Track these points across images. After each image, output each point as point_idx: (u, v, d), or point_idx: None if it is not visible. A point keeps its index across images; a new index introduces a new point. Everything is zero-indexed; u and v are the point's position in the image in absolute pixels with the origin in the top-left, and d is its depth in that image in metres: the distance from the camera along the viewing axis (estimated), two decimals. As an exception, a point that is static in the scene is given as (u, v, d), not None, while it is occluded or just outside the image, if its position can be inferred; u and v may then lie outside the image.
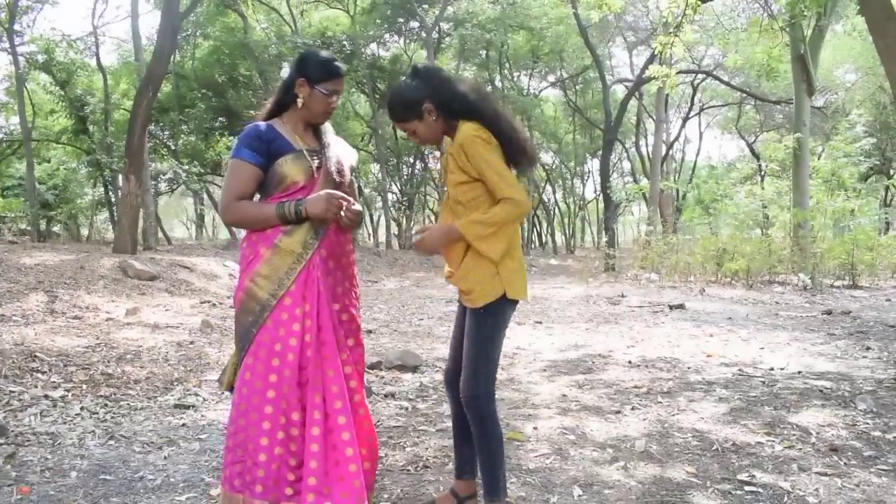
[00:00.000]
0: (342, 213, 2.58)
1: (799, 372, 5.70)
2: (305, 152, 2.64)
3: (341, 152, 2.79)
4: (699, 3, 9.07)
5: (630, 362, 6.22)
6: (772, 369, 5.85)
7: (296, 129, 2.70)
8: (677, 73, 10.59)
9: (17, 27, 20.49)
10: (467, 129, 2.60)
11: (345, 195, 2.59)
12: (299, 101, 2.68)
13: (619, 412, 4.48)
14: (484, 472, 2.70)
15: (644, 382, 5.35)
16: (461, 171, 2.60)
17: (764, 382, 5.33)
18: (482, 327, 2.66)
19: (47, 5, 22.17)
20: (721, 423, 4.20)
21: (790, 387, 5.14)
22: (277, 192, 2.63)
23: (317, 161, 2.66)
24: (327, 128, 2.81)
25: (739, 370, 5.82)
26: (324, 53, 2.70)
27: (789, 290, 13.41)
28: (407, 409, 4.64)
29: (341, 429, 2.51)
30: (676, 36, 8.73)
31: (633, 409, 4.56)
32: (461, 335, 2.78)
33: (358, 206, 2.66)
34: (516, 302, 2.71)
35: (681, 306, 10.33)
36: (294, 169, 2.61)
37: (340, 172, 2.71)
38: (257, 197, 2.70)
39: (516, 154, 2.71)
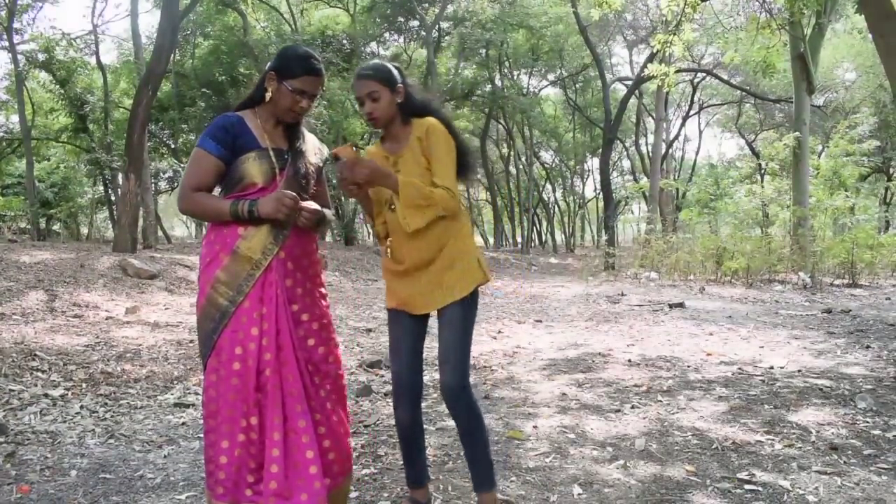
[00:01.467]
0: (300, 214, 2.52)
1: (798, 370, 5.69)
2: (271, 152, 2.57)
3: (310, 156, 2.72)
4: (698, 1, 9.06)
5: (630, 361, 6.22)
6: (771, 368, 5.84)
7: (265, 126, 2.62)
8: (676, 71, 10.56)
9: (16, 25, 20.50)
10: (436, 121, 2.67)
11: (295, 195, 2.49)
12: (267, 95, 2.60)
13: (618, 411, 4.48)
14: (478, 464, 2.70)
15: (644, 381, 5.35)
16: (422, 157, 2.63)
17: (763, 381, 5.33)
18: (469, 315, 2.68)
19: (47, 4, 22.29)
20: (721, 422, 4.20)
21: (790, 385, 5.14)
22: (236, 190, 2.57)
23: (281, 163, 2.59)
24: (303, 130, 2.73)
25: (739, 369, 5.82)
26: (302, 50, 2.61)
27: (789, 289, 13.41)
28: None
29: (301, 431, 2.48)
30: (675, 35, 8.72)
31: (632, 407, 4.56)
32: (416, 340, 2.75)
33: (313, 205, 2.58)
34: None
35: (680, 305, 10.33)
36: (255, 169, 2.54)
37: (306, 177, 2.65)
38: (217, 190, 2.64)
39: (464, 161, 2.73)
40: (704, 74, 28.21)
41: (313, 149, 2.76)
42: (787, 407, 4.52)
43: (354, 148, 2.58)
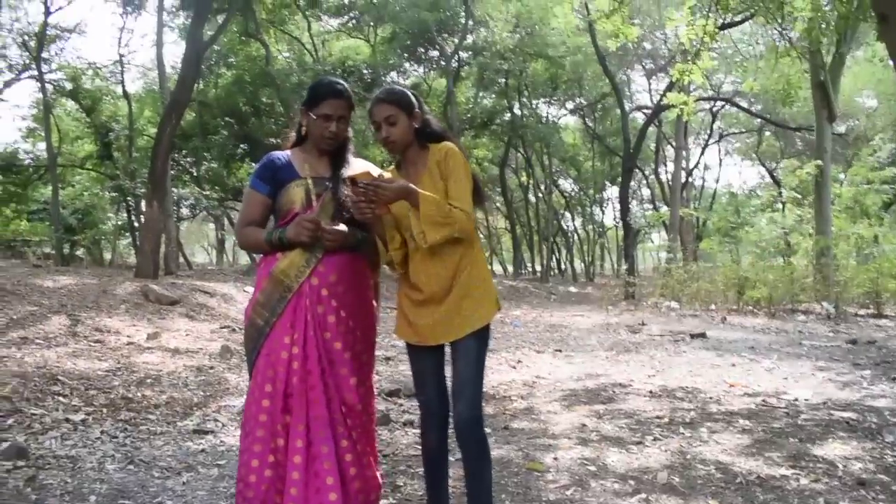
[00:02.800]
0: (326, 234, 2.56)
1: (823, 403, 5.60)
2: (310, 180, 2.65)
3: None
4: (716, 30, 9.08)
5: (651, 392, 6.15)
6: (796, 400, 5.75)
7: (309, 158, 2.72)
8: (696, 100, 10.57)
9: (45, 55, 20.94)
10: (453, 146, 2.69)
11: (314, 218, 2.56)
12: (303, 130, 2.76)
13: (640, 443, 4.42)
14: (483, 497, 2.67)
15: (665, 413, 5.28)
16: (440, 181, 2.63)
17: (787, 413, 5.24)
18: (484, 347, 2.68)
19: (75, 34, 22.64)
20: (744, 456, 4.13)
21: (815, 418, 5.06)
22: (281, 219, 2.69)
23: (319, 189, 2.66)
24: (350, 157, 2.79)
25: (763, 401, 5.73)
26: (326, 79, 2.73)
27: (812, 319, 13.25)
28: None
29: (323, 457, 2.50)
30: (695, 63, 8.74)
31: (654, 439, 4.50)
32: (439, 369, 2.75)
33: (340, 227, 2.61)
34: None
35: (702, 335, 10.22)
36: (293, 196, 2.65)
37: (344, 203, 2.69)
38: (272, 223, 2.75)
39: (477, 188, 2.74)
40: (724, 102, 28.20)
41: (360, 168, 2.79)
42: (813, 440, 4.44)
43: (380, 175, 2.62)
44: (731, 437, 4.55)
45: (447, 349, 2.73)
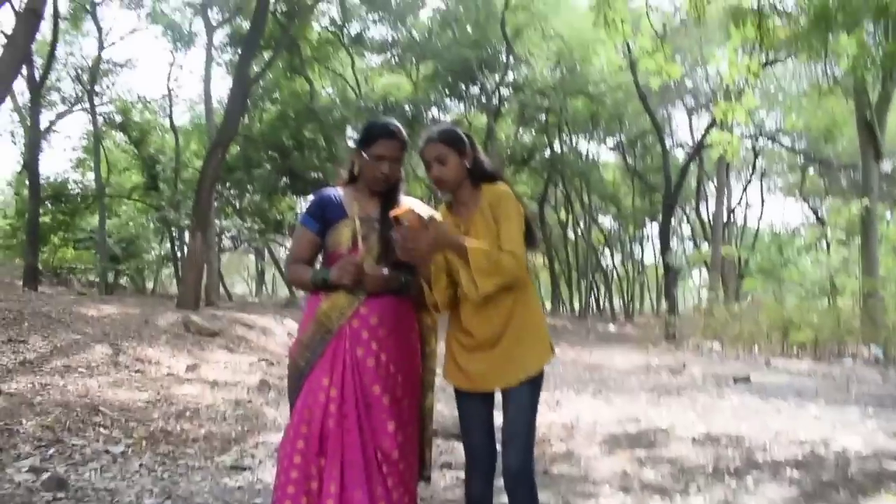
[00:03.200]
0: (367, 277, 2.55)
1: (874, 453, 5.40)
2: (357, 220, 2.63)
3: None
4: (760, 69, 9.00)
5: (694, 438, 5.99)
6: (844, 450, 5.55)
7: (359, 197, 2.71)
8: (744, 138, 10.45)
9: (97, 88, 21.57)
10: (506, 188, 2.64)
11: (356, 261, 2.54)
12: (355, 170, 2.75)
13: (683, 492, 4.29)
14: None
15: (709, 460, 5.14)
16: (493, 223, 2.58)
17: (836, 464, 5.06)
18: (536, 394, 2.61)
19: (126, 68, 23.33)
20: (792, 508, 3.99)
21: (864, 469, 4.87)
22: (328, 258, 2.69)
23: (366, 230, 2.64)
24: (401, 198, 2.76)
25: (810, 450, 5.55)
26: (381, 120, 2.73)
27: (860, 363, 12.89)
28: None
29: (356, 503, 2.44)
30: (738, 102, 8.66)
31: (698, 489, 4.37)
32: (488, 416, 2.68)
33: (382, 271, 2.58)
34: None
35: (746, 379, 9.98)
36: (340, 236, 2.64)
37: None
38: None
39: (530, 229, 2.69)
40: (766, 140, 27.92)
41: (404, 211, 2.76)
42: (864, 492, 4.28)
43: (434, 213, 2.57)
44: (777, 489, 4.40)
45: (497, 394, 2.66)
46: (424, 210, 2.78)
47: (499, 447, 2.63)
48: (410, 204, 2.78)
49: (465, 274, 2.48)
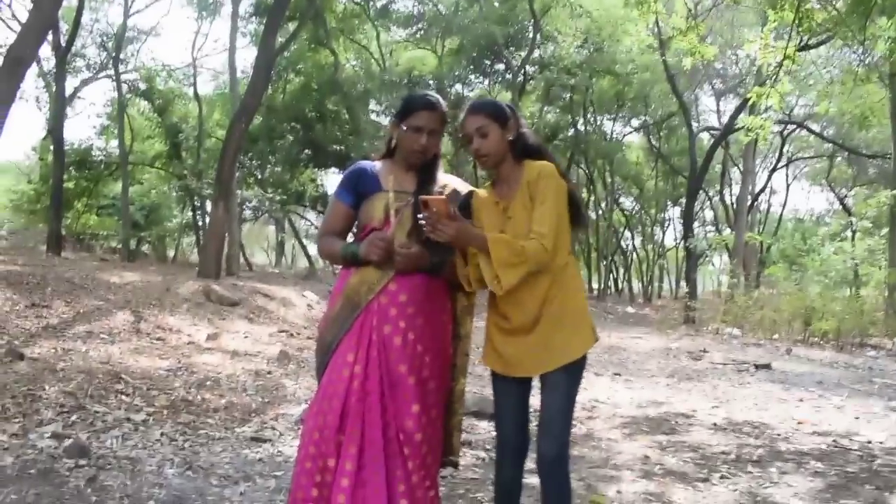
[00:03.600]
0: (396, 255, 2.47)
1: (900, 447, 5.31)
2: (391, 193, 2.54)
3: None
4: (796, 52, 8.79)
5: (715, 424, 5.93)
6: (869, 442, 5.46)
7: (395, 171, 2.62)
8: (773, 124, 10.25)
9: (121, 56, 21.58)
10: (549, 164, 2.53)
11: (386, 236, 2.47)
12: (392, 142, 2.68)
13: (706, 480, 4.24)
14: None
15: (731, 448, 5.08)
16: (530, 202, 2.47)
17: (861, 457, 4.98)
18: (576, 381, 2.53)
19: (150, 37, 23.31)
20: (818, 501, 3.92)
21: (891, 464, 4.79)
22: (360, 232, 2.63)
23: (400, 203, 2.56)
24: (439, 173, 2.70)
25: (834, 441, 5.46)
26: (420, 92, 2.70)
27: (883, 355, 12.68)
28: (484, 459, 4.51)
29: (372, 484, 2.38)
30: (773, 87, 8.47)
31: (721, 477, 4.31)
32: (522, 401, 2.60)
33: (412, 248, 2.49)
34: None
35: (767, 366, 9.87)
36: (372, 209, 2.58)
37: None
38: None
39: (576, 210, 2.58)
40: (795, 127, 27.45)
41: (450, 191, 2.67)
42: (891, 489, 4.19)
43: (460, 196, 2.49)
44: (802, 480, 4.34)
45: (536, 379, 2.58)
46: (463, 188, 2.71)
47: (534, 434, 2.58)
48: (449, 181, 2.71)
49: (487, 268, 2.39)
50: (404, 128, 2.57)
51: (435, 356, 2.58)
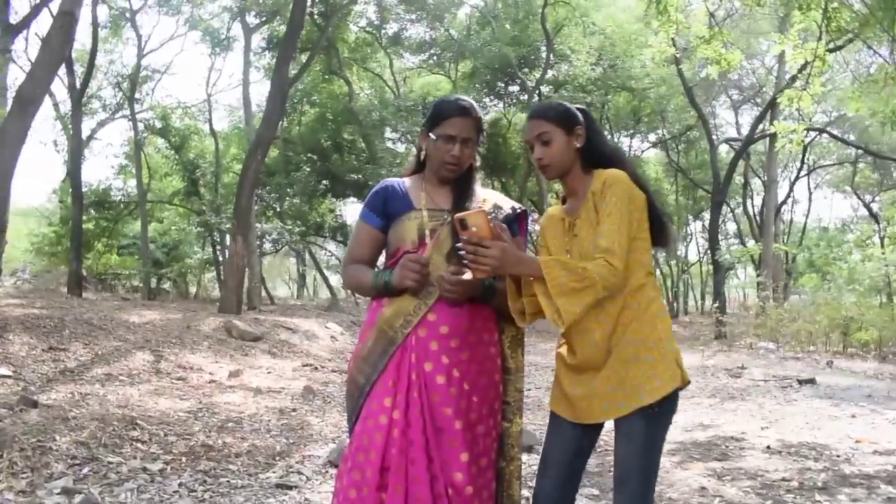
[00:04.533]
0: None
1: (973, 465, 4.91)
2: (425, 212, 2.25)
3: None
4: (826, 54, 8.48)
5: (769, 447, 5.55)
6: (939, 461, 5.08)
7: (427, 187, 2.32)
8: (805, 129, 9.91)
9: (136, 95, 21.71)
10: (620, 171, 2.17)
11: (420, 258, 2.15)
12: (422, 155, 2.38)
13: (772, 512, 3.88)
14: None
15: (792, 474, 4.70)
16: (595, 215, 2.13)
17: (935, 478, 4.60)
18: (657, 428, 2.10)
19: (165, 75, 23.44)
20: (900, 532, 3.56)
21: (969, 484, 4.40)
22: (390, 258, 2.31)
23: (436, 223, 2.25)
24: (477, 187, 2.38)
25: (900, 461, 5.08)
26: (451, 96, 2.35)
27: (928, 365, 12.20)
28: (526, 498, 4.17)
29: None
30: (804, 89, 8.15)
31: (789, 508, 3.96)
32: (576, 455, 2.21)
33: (464, 274, 2.12)
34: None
35: (811, 381, 9.43)
36: (404, 230, 2.27)
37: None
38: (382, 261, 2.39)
39: (658, 225, 2.22)
40: (816, 133, 26.99)
41: (490, 207, 2.34)
42: (977, 514, 3.82)
43: (492, 215, 2.13)
44: (876, 508, 3.97)
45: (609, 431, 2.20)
46: (505, 204, 2.37)
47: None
48: (489, 196, 2.38)
49: (546, 300, 2.03)
50: (434, 137, 2.28)
51: (483, 396, 2.25)
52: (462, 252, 2.02)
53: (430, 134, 2.29)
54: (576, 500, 2.26)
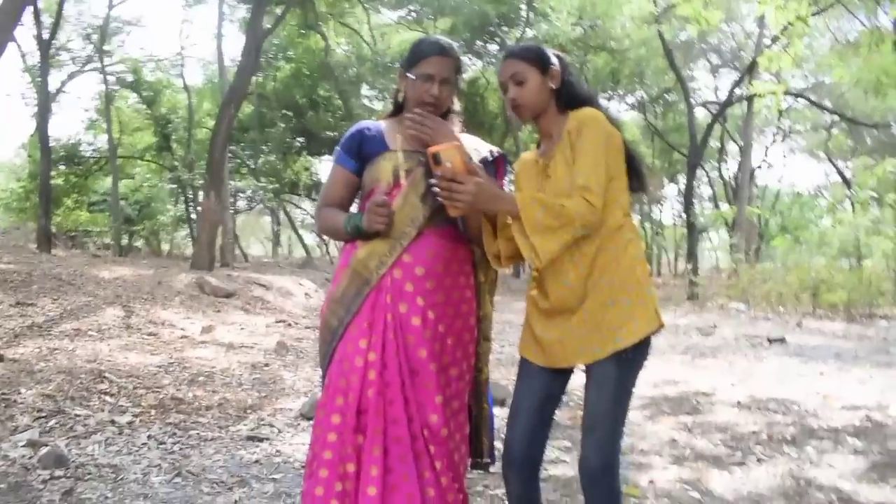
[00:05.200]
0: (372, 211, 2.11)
1: (938, 419, 5.01)
2: (400, 153, 2.19)
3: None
4: (808, 15, 8.43)
5: (739, 402, 5.62)
6: (904, 415, 5.18)
7: (403, 129, 2.25)
8: (786, 93, 9.87)
9: (107, 48, 21.15)
10: (596, 110, 2.10)
11: (385, 200, 2.10)
12: (400, 96, 2.32)
13: (742, 464, 3.92)
14: None
15: (761, 427, 4.77)
16: (570, 157, 2.05)
17: (900, 432, 4.68)
18: (629, 373, 2.06)
19: (137, 27, 22.85)
20: (866, 482, 3.61)
21: (933, 437, 4.49)
22: (364, 199, 2.26)
23: (411, 164, 2.20)
24: (454, 130, 2.29)
25: (866, 416, 5.16)
26: (431, 36, 2.30)
27: (895, 325, 12.43)
28: (498, 449, 4.17)
29: (404, 489, 2.02)
30: (785, 50, 8.09)
31: (758, 460, 3.99)
32: (546, 401, 2.16)
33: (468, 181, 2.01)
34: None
35: (781, 340, 9.58)
36: (378, 171, 2.22)
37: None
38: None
39: (632, 170, 2.15)
40: (794, 98, 27.05)
41: (469, 143, 2.28)
42: (941, 465, 3.89)
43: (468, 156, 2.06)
44: (843, 459, 4.03)
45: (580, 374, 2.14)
46: (483, 147, 2.31)
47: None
48: (467, 140, 2.31)
49: (522, 238, 1.97)
50: (413, 77, 2.22)
51: (458, 338, 2.22)
52: (436, 189, 1.95)
53: (408, 74, 2.23)
54: (546, 447, 2.23)
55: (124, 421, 4.13)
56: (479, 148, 2.34)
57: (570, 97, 2.16)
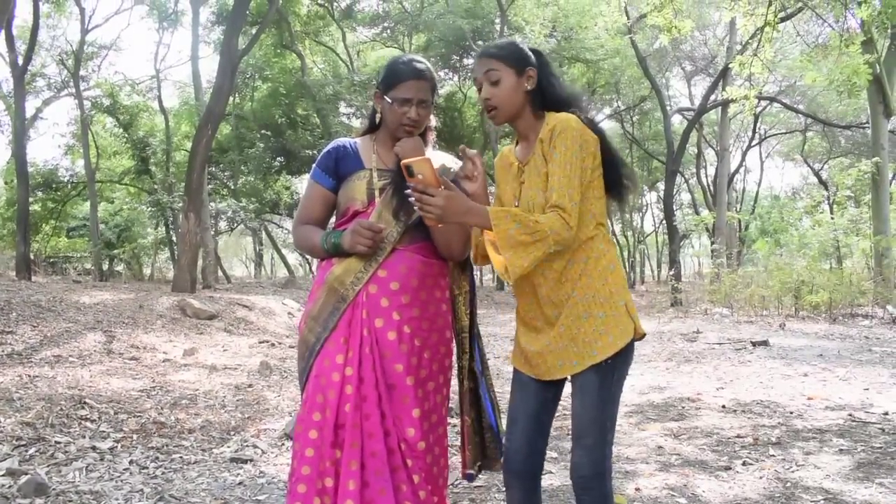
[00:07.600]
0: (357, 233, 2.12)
1: (921, 417, 5.04)
2: (375, 172, 2.22)
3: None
4: (777, 20, 8.55)
5: (724, 407, 5.63)
6: (886, 413, 5.20)
7: (380, 148, 2.29)
8: (756, 96, 9.98)
9: (82, 72, 21.08)
10: (569, 116, 2.04)
11: (372, 223, 2.12)
12: (377, 117, 2.34)
13: (728, 468, 3.92)
14: None
15: (747, 431, 4.78)
16: (544, 166, 2.01)
17: (883, 430, 4.71)
18: (611, 383, 2.04)
19: (111, 51, 22.77)
20: (852, 481, 3.62)
21: (917, 435, 4.52)
22: (340, 218, 2.28)
23: (384, 182, 2.22)
24: (432, 151, 2.34)
25: (850, 415, 5.19)
26: (405, 56, 2.29)
27: (876, 324, 12.52)
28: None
29: (381, 503, 2.04)
30: (755, 55, 8.20)
31: (744, 463, 4.00)
32: (542, 409, 2.15)
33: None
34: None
35: (764, 343, 9.62)
36: (353, 190, 2.24)
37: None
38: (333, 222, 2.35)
39: (612, 173, 2.12)
40: (767, 102, 27.36)
41: (418, 160, 2.33)
42: (925, 461, 3.91)
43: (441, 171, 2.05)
44: (829, 459, 4.04)
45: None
46: (454, 164, 2.31)
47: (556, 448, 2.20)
48: (439, 157, 2.33)
49: (493, 252, 1.97)
50: (389, 101, 2.23)
51: (434, 352, 2.24)
52: (411, 199, 1.95)
53: (385, 97, 2.24)
54: (545, 455, 2.24)
55: (106, 447, 4.07)
56: (450, 165, 2.36)
57: (547, 100, 2.12)
